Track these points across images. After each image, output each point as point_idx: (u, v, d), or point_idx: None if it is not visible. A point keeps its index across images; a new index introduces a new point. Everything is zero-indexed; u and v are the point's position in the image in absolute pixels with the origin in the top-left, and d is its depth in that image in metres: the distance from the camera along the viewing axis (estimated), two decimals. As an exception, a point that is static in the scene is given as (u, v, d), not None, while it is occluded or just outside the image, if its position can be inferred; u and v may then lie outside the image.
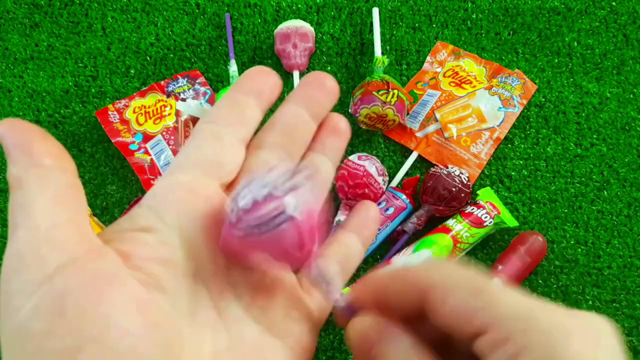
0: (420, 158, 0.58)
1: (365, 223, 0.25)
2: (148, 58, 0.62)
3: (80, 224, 0.17)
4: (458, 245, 0.51)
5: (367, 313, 0.20)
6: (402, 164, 0.58)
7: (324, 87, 0.23)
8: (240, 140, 0.22)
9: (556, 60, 0.62)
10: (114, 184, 0.57)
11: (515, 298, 0.16)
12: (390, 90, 0.55)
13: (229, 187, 0.22)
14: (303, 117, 0.23)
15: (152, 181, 0.55)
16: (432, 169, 0.55)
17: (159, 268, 0.18)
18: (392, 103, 0.54)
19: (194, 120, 0.59)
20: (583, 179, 0.58)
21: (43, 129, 0.18)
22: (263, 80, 0.22)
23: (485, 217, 0.52)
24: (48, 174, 0.17)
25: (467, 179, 0.53)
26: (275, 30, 0.61)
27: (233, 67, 0.59)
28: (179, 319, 0.18)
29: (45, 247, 0.16)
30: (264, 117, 0.23)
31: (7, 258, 0.16)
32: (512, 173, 0.58)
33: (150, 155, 0.56)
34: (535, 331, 0.15)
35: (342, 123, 0.24)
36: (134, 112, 0.58)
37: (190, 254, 0.19)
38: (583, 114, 0.60)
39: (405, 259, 0.51)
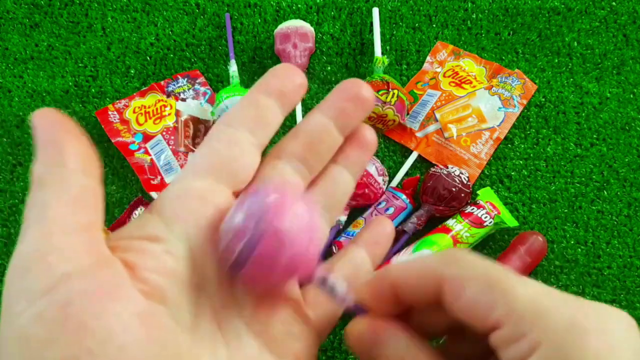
0: (420, 158, 0.58)
1: (378, 240, 0.24)
2: (148, 58, 0.62)
3: (91, 232, 0.17)
4: (458, 245, 0.51)
5: (376, 310, 0.20)
6: (402, 164, 0.58)
7: (358, 97, 0.22)
8: (257, 146, 0.21)
9: (556, 60, 0.62)
10: (114, 184, 0.57)
11: (531, 291, 0.16)
12: (390, 90, 0.55)
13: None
14: (329, 128, 0.22)
15: (152, 181, 0.55)
16: (432, 169, 0.55)
17: (163, 279, 0.18)
18: (392, 103, 0.54)
19: (194, 120, 0.59)
20: (583, 179, 0.58)
21: (78, 127, 0.18)
22: (287, 79, 0.21)
23: (485, 217, 0.52)
24: (71, 177, 0.17)
25: (467, 179, 0.53)
26: (275, 30, 0.61)
27: (233, 67, 0.59)
28: (179, 331, 0.17)
29: (54, 253, 0.16)
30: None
31: (15, 259, 0.16)
32: (512, 173, 0.58)
33: (150, 155, 0.56)
34: (550, 329, 0.15)
35: (369, 135, 0.23)
36: (134, 112, 0.58)
37: (195, 265, 0.19)
38: (583, 114, 0.60)
39: (405, 259, 0.51)
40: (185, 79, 0.61)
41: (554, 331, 0.15)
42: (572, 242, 0.55)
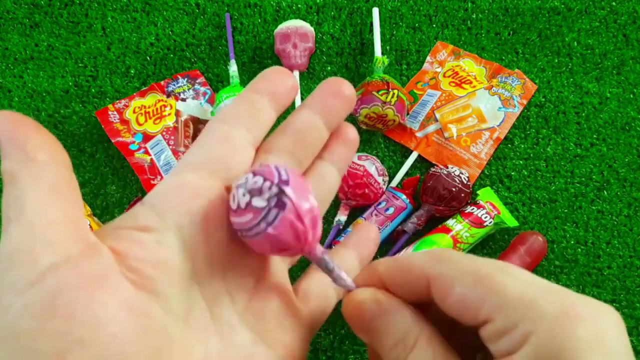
0: (420, 158, 0.58)
1: (365, 243, 0.25)
2: (148, 58, 0.62)
3: (74, 220, 0.17)
4: (458, 245, 0.51)
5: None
6: (402, 164, 0.58)
7: (341, 94, 0.23)
8: (250, 142, 0.21)
9: (556, 60, 0.62)
10: (114, 184, 0.57)
11: (520, 283, 0.16)
12: (390, 90, 0.55)
13: None
14: (317, 124, 0.22)
15: (152, 181, 0.55)
16: (432, 169, 0.55)
17: (154, 270, 0.18)
18: (392, 103, 0.54)
19: (194, 120, 0.59)
20: (583, 179, 0.58)
21: (37, 122, 0.18)
22: (279, 81, 0.22)
23: (485, 217, 0.52)
24: (42, 169, 0.17)
25: (467, 179, 0.53)
26: (275, 30, 0.61)
27: (233, 67, 0.59)
28: (170, 322, 0.17)
29: (39, 244, 0.16)
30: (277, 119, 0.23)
31: (0, 255, 0.16)
32: (512, 173, 0.58)
33: (150, 155, 0.56)
34: (540, 318, 0.15)
35: (352, 133, 0.24)
36: (134, 112, 0.58)
37: (187, 256, 0.19)
38: (583, 114, 0.60)
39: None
40: (185, 79, 0.61)
41: (545, 320, 0.15)
42: (572, 242, 0.55)
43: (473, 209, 0.53)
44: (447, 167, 0.54)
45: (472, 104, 0.59)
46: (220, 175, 0.20)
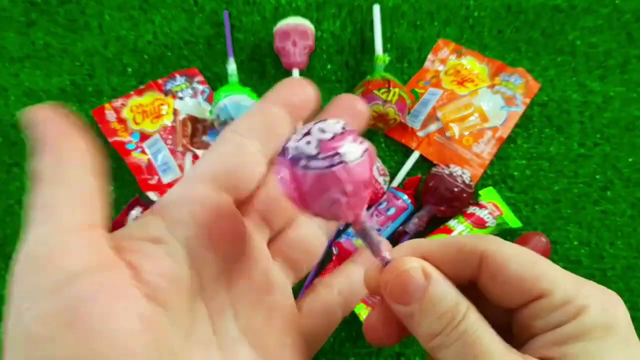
0: (421, 158, 0.57)
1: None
2: (145, 56, 0.62)
3: (96, 231, 0.17)
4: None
5: None
6: (403, 163, 0.57)
7: (354, 110, 0.22)
8: (264, 155, 0.21)
9: (559, 59, 0.62)
10: (110, 184, 0.56)
11: (564, 271, 0.18)
12: (391, 88, 0.54)
13: (245, 202, 0.21)
14: None
15: (149, 181, 0.55)
16: (434, 169, 0.54)
17: (165, 283, 0.17)
18: (393, 102, 0.53)
19: (192, 119, 0.58)
20: (586, 179, 0.57)
21: (77, 123, 0.17)
22: (298, 92, 0.22)
23: (488, 218, 0.51)
24: (73, 175, 0.17)
25: (469, 179, 0.53)
26: (275, 28, 0.60)
27: (232, 65, 0.59)
28: (175, 336, 0.17)
29: (60, 252, 0.16)
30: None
31: (22, 257, 0.16)
32: (515, 173, 0.57)
33: (147, 154, 0.55)
34: (593, 295, 0.17)
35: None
36: (131, 111, 0.58)
37: (194, 270, 0.19)
38: (586, 113, 0.59)
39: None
40: (183, 78, 0.60)
41: (597, 297, 0.17)
42: (576, 243, 0.54)
43: (475, 209, 0.52)
44: (449, 167, 0.53)
45: (475, 103, 0.58)
46: (230, 187, 0.20)
